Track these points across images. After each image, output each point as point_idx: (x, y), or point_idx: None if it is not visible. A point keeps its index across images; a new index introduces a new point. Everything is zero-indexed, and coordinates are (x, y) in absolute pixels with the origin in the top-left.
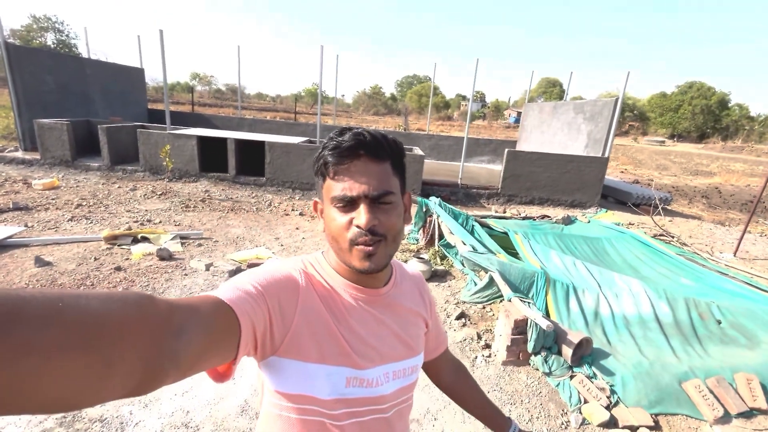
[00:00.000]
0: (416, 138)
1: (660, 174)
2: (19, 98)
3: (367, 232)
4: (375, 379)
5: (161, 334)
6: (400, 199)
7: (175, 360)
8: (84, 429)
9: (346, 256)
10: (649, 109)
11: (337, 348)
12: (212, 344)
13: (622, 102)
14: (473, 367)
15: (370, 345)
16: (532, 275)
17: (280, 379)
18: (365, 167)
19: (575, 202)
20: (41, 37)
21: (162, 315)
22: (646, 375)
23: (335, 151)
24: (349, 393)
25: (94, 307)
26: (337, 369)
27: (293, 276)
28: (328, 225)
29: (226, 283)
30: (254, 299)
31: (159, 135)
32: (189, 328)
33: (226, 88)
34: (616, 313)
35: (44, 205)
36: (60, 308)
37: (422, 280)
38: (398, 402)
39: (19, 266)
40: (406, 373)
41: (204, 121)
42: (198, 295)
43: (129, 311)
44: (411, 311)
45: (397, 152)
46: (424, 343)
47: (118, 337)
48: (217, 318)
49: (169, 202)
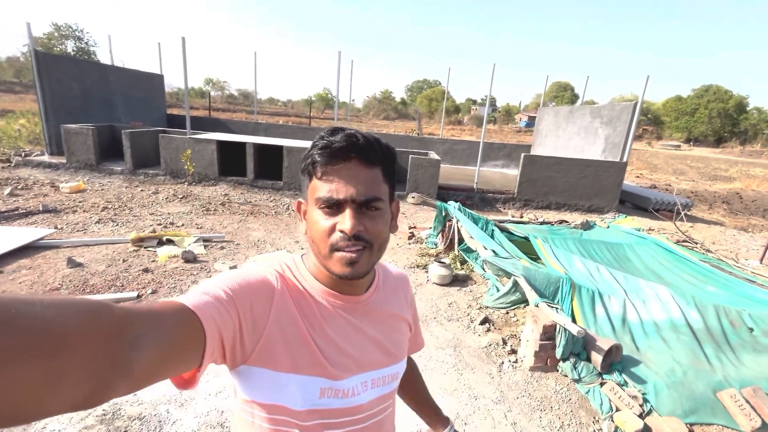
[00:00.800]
0: (429, 142)
1: (677, 179)
2: (46, 104)
3: (351, 238)
4: (351, 389)
5: (115, 344)
6: (388, 206)
7: (128, 371)
8: (124, 427)
9: (327, 261)
10: (663, 113)
11: (311, 357)
12: (173, 353)
13: (641, 106)
14: (500, 373)
15: (347, 354)
16: (557, 280)
17: (251, 388)
18: (355, 171)
19: (593, 207)
20: (62, 45)
21: (117, 324)
22: (680, 384)
23: (325, 150)
24: (323, 404)
25: (47, 315)
26: (311, 379)
27: (268, 280)
28: (310, 227)
29: (195, 288)
30: (223, 305)
31: (180, 139)
32: (146, 337)
33: (239, 93)
34: (645, 320)
35: (72, 208)
36: (12, 314)
37: (406, 281)
38: (377, 411)
39: (52, 267)
40: (386, 381)
41: (221, 126)
42: (163, 300)
43: (83, 319)
44: (394, 316)
45: (389, 158)
46: (406, 349)
47: (71, 346)
48: (179, 325)
49: (190, 205)
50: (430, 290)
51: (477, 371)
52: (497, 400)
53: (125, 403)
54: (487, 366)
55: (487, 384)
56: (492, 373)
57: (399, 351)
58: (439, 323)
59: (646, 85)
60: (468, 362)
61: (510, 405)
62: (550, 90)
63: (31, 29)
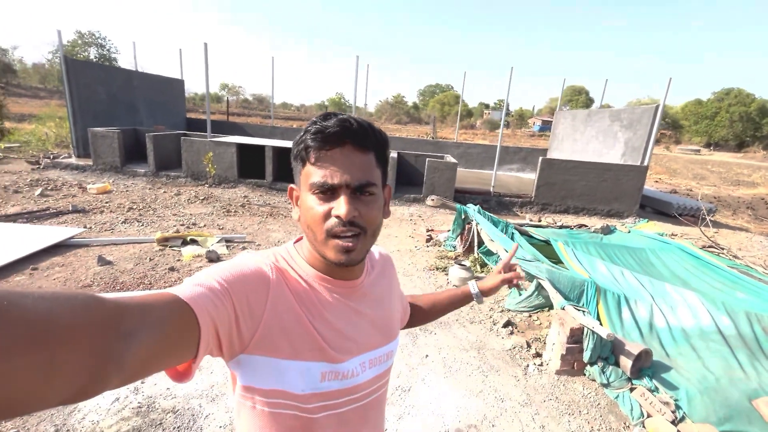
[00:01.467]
0: (444, 146)
1: (698, 184)
2: (74, 108)
3: (346, 224)
4: (351, 371)
5: (107, 336)
6: (381, 191)
7: (121, 363)
8: (159, 419)
9: (322, 247)
10: (682, 117)
11: (311, 343)
12: (166, 345)
13: (663, 109)
14: (525, 376)
15: (346, 337)
16: (582, 284)
17: (251, 376)
18: (349, 156)
19: (612, 212)
20: (85, 52)
21: (109, 316)
22: (713, 390)
23: (318, 135)
24: (324, 387)
25: (40, 307)
26: (312, 364)
27: (263, 270)
28: (304, 213)
29: (189, 279)
30: (217, 296)
31: (201, 142)
32: (138, 330)
33: (253, 98)
34: (673, 326)
35: (99, 208)
36: (5, 307)
37: (390, 260)
38: (374, 389)
39: (83, 264)
40: (382, 360)
41: (238, 130)
42: (156, 291)
43: (75, 312)
44: (386, 296)
45: (382, 143)
46: (399, 326)
47: (64, 338)
48: (173, 317)
49: (211, 206)
50: None
51: (502, 374)
52: (524, 403)
53: (159, 396)
54: (512, 369)
55: (513, 386)
56: (517, 375)
57: (393, 329)
58: (462, 325)
59: (668, 88)
60: (492, 364)
61: (537, 408)
62: (565, 94)
63: (62, 36)
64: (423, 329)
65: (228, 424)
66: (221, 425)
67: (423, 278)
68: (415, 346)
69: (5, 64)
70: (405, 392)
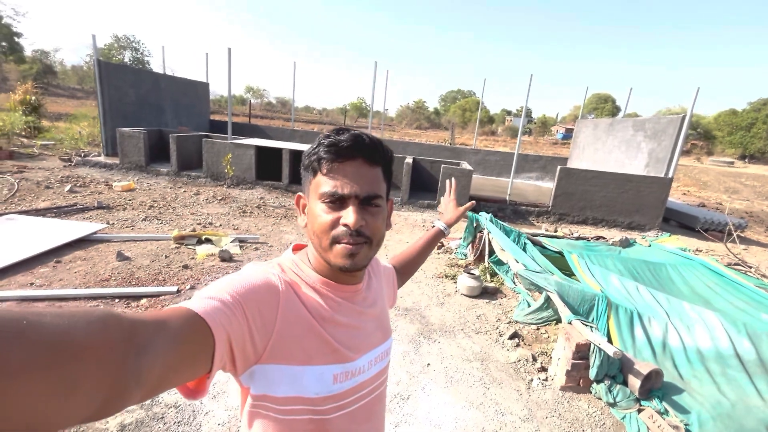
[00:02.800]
0: (462, 152)
1: (729, 197)
2: (105, 108)
3: (354, 233)
4: (361, 368)
5: (125, 352)
6: (386, 204)
7: (140, 378)
8: (161, 413)
9: (327, 253)
10: (715, 128)
11: (324, 347)
12: (183, 359)
13: (690, 119)
14: (529, 390)
15: (356, 336)
16: (593, 298)
17: (265, 385)
18: (359, 169)
19: (633, 224)
20: (120, 55)
21: (126, 332)
22: (727, 417)
23: (332, 148)
24: (337, 389)
25: (58, 325)
26: (324, 368)
27: (271, 281)
28: (312, 221)
29: (200, 293)
30: (230, 308)
31: (221, 144)
32: (155, 345)
33: (277, 101)
34: (689, 346)
35: (122, 205)
36: (23, 326)
37: (377, 261)
38: (377, 385)
39: (103, 259)
40: (383, 356)
41: (259, 132)
42: (169, 307)
43: (92, 329)
44: (379, 295)
45: (388, 159)
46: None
47: (82, 356)
48: (188, 332)
49: (228, 207)
50: (458, 301)
51: (505, 387)
52: (525, 418)
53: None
54: (516, 382)
55: (515, 400)
56: (520, 389)
57: (389, 326)
58: (467, 335)
59: (696, 97)
60: (495, 377)
61: (539, 424)
62: (590, 102)
63: (96, 41)
64: (427, 338)
65: (227, 422)
66: (220, 422)
67: (431, 285)
68: (418, 354)
69: (47, 66)
70: (404, 400)
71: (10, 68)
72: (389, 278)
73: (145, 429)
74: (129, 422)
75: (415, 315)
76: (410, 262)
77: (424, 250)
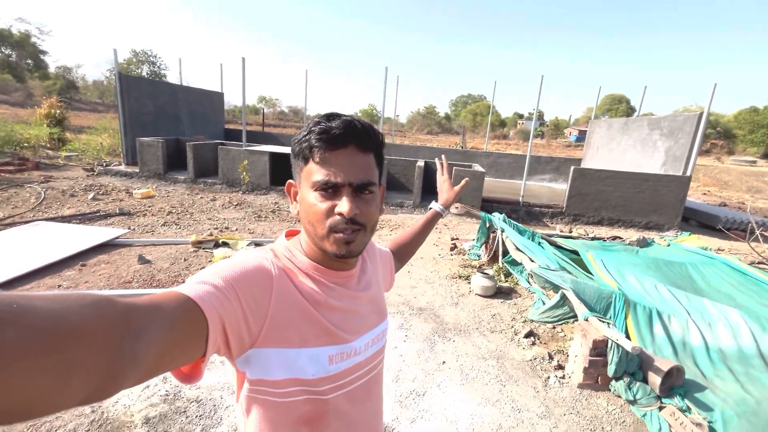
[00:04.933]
0: (474, 155)
1: (752, 197)
2: (125, 119)
3: (348, 221)
4: (357, 349)
5: (120, 336)
6: (378, 189)
7: (135, 362)
8: (183, 407)
9: (323, 241)
10: (736, 126)
11: (318, 329)
12: (176, 343)
13: (707, 116)
14: (545, 388)
15: (353, 318)
16: (610, 296)
17: (261, 369)
18: (352, 156)
19: (651, 224)
20: (138, 69)
21: (120, 316)
22: (753, 414)
23: (324, 135)
24: (333, 369)
25: (52, 310)
26: (320, 350)
27: (264, 266)
28: (306, 210)
29: (193, 278)
30: (223, 293)
31: (236, 151)
32: (149, 329)
33: (289, 110)
34: (711, 345)
35: (142, 212)
36: (17, 312)
37: (372, 245)
38: (374, 365)
39: (126, 263)
40: (380, 338)
41: (272, 140)
42: (162, 291)
43: (86, 313)
44: (374, 278)
45: (380, 145)
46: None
47: (77, 340)
48: (181, 316)
49: (243, 212)
50: (472, 301)
51: (521, 384)
52: (542, 415)
53: (185, 386)
54: (532, 380)
55: (531, 398)
56: (537, 387)
57: (384, 309)
58: (482, 334)
59: (713, 94)
60: (511, 374)
61: (557, 421)
62: (603, 103)
63: (117, 55)
64: (442, 336)
65: None
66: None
67: (445, 286)
68: (433, 353)
69: (69, 81)
70: (420, 396)
71: (35, 84)
72: (386, 262)
73: (169, 422)
74: (153, 415)
75: (430, 314)
76: (407, 245)
77: (422, 232)
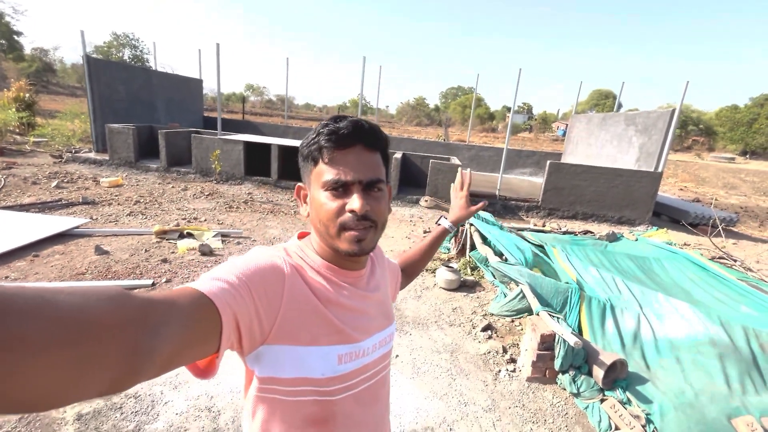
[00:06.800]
0: (455, 148)
1: (727, 193)
2: (95, 105)
3: (360, 218)
4: (366, 349)
5: (138, 330)
6: (386, 188)
7: (152, 356)
8: (119, 403)
9: (335, 240)
10: (717, 124)
11: (329, 328)
12: (192, 339)
13: (680, 113)
14: (495, 381)
15: (361, 320)
16: (566, 290)
17: (271, 366)
18: (360, 155)
19: (623, 219)
20: (119, 53)
21: (138, 310)
22: (689, 406)
23: (332, 136)
24: (342, 369)
25: (72, 303)
26: (329, 348)
27: (277, 264)
28: (316, 210)
29: (207, 274)
30: (236, 289)
31: (210, 140)
32: (166, 324)
33: (277, 99)
34: (659, 336)
35: (108, 201)
36: (39, 305)
37: (380, 248)
38: (381, 368)
39: (82, 253)
40: (387, 341)
41: (252, 129)
42: (177, 287)
43: (106, 307)
44: (382, 282)
45: (386, 144)
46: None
47: (97, 333)
48: (196, 311)
49: (215, 202)
50: (435, 294)
51: (471, 378)
52: (488, 409)
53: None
54: (483, 373)
55: (479, 391)
56: (487, 380)
57: (392, 313)
58: (440, 327)
59: (685, 92)
60: (463, 368)
61: (500, 414)
62: (591, 98)
63: (85, 37)
64: (399, 330)
65: (185, 411)
66: (178, 412)
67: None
68: None
69: (46, 64)
70: None
71: (9, 66)
72: (394, 273)
73: (102, 418)
74: (86, 412)
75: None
76: (416, 263)
77: (429, 249)
